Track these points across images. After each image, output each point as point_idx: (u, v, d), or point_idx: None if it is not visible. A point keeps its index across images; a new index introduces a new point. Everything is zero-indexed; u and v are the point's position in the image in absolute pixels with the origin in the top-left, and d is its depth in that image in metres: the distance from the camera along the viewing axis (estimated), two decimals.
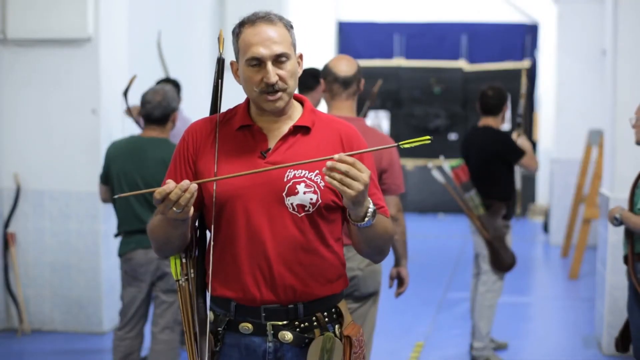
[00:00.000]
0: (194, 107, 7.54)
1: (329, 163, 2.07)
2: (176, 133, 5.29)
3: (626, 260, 4.05)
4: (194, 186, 2.10)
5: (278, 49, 2.25)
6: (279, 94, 2.27)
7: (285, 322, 2.32)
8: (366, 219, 2.17)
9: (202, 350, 2.32)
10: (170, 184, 2.10)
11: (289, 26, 2.32)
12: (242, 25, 2.30)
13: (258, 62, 2.25)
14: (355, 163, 2.07)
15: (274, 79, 2.24)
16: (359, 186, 2.06)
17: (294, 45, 2.32)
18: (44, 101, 6.08)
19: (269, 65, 2.25)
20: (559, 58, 10.42)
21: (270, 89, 2.25)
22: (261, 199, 2.28)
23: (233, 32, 2.33)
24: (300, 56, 2.37)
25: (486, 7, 14.36)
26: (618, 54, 5.58)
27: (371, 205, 2.17)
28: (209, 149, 2.33)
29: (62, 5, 5.92)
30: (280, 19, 2.31)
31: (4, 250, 6.12)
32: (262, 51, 2.24)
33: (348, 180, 2.06)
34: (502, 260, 5.40)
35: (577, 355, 5.77)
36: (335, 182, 2.06)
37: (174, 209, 2.11)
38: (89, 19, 5.91)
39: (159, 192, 2.10)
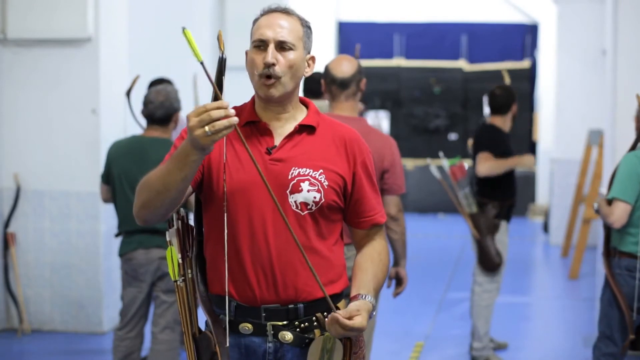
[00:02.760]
0: (192, 108, 7.53)
1: (331, 317, 2.17)
2: (176, 133, 5.28)
3: (603, 253, 4.18)
4: (235, 119, 2.00)
5: (284, 35, 2.27)
6: (273, 80, 2.27)
7: (285, 322, 2.31)
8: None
9: (221, 340, 2.29)
10: (225, 102, 2.00)
11: (304, 24, 2.35)
12: (261, 14, 2.34)
13: (262, 44, 2.28)
14: (348, 327, 2.16)
15: (271, 59, 2.25)
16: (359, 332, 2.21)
17: (304, 43, 2.33)
18: (44, 101, 6.08)
19: (271, 46, 2.26)
20: (559, 58, 10.43)
21: (266, 71, 2.26)
22: (264, 195, 2.27)
23: (253, 22, 2.35)
24: (312, 59, 2.38)
25: (486, 7, 14.37)
26: (618, 54, 5.59)
27: (372, 303, 2.29)
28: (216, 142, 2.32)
29: (62, 5, 5.92)
30: (298, 15, 2.35)
31: (4, 250, 6.13)
32: (268, 33, 2.27)
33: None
34: (490, 260, 5.37)
35: (577, 355, 5.77)
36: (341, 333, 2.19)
37: (206, 128, 1.99)
38: (89, 19, 5.91)
39: (213, 103, 2.00)
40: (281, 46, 2.27)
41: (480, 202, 5.42)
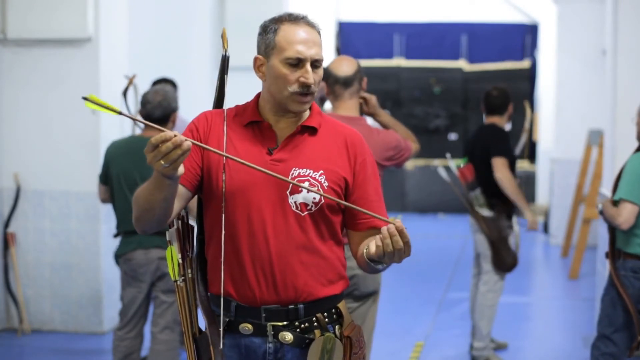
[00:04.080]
0: (193, 108, 7.53)
1: (390, 228, 2.07)
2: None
3: (607, 255, 4.17)
4: (187, 144, 2.01)
5: (318, 53, 2.28)
6: (309, 97, 2.29)
7: (285, 323, 2.31)
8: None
9: (214, 341, 2.29)
10: (169, 133, 2.01)
11: (320, 33, 2.34)
12: (279, 21, 2.29)
13: (297, 62, 2.26)
14: (407, 237, 2.08)
15: (312, 80, 2.26)
16: (407, 254, 2.10)
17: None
18: (44, 101, 6.08)
19: (309, 66, 2.26)
20: (559, 58, 10.42)
21: (306, 90, 2.26)
22: (264, 195, 2.28)
23: (266, 28, 2.31)
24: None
25: (486, 7, 14.37)
26: (618, 54, 5.58)
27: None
28: (217, 140, 2.32)
29: (62, 5, 5.92)
30: (316, 24, 2.33)
31: (4, 250, 6.13)
32: (306, 51, 2.25)
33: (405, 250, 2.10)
34: (503, 261, 5.39)
35: (577, 355, 5.77)
36: (389, 248, 2.08)
37: (162, 162, 2.02)
38: (89, 19, 5.91)
39: (155, 138, 2.01)
40: (314, 63, 2.27)
41: (490, 203, 5.40)
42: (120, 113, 2.05)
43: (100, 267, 6.06)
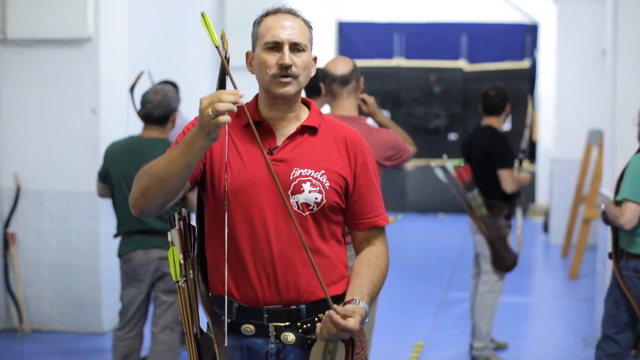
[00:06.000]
0: (193, 108, 7.52)
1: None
2: (176, 133, 5.28)
3: (611, 255, 4.18)
4: (241, 100, 2.07)
5: (296, 37, 2.29)
6: (290, 79, 2.28)
7: (287, 323, 2.31)
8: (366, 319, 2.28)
9: (219, 340, 2.29)
10: (239, 91, 2.07)
11: (308, 25, 2.37)
12: (265, 15, 2.35)
13: (275, 46, 2.28)
14: (341, 326, 2.17)
15: (289, 60, 2.26)
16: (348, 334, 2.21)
17: (310, 43, 2.35)
18: (44, 101, 6.08)
19: (286, 48, 2.27)
20: (559, 58, 10.42)
21: (284, 71, 2.26)
22: (266, 195, 2.28)
23: (254, 22, 2.36)
24: (315, 59, 2.39)
25: (486, 7, 14.37)
26: (618, 54, 5.58)
27: (365, 309, 2.26)
28: (220, 140, 2.31)
29: (62, 5, 5.92)
30: (302, 16, 2.36)
31: (4, 250, 6.13)
32: (282, 35, 2.28)
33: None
34: (503, 261, 5.40)
35: (577, 355, 5.77)
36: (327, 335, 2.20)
37: (210, 110, 2.03)
38: (89, 19, 5.91)
39: (229, 90, 2.08)
40: (295, 48, 2.28)
41: (488, 203, 5.41)
42: (217, 47, 2.12)
43: (100, 267, 6.06)
